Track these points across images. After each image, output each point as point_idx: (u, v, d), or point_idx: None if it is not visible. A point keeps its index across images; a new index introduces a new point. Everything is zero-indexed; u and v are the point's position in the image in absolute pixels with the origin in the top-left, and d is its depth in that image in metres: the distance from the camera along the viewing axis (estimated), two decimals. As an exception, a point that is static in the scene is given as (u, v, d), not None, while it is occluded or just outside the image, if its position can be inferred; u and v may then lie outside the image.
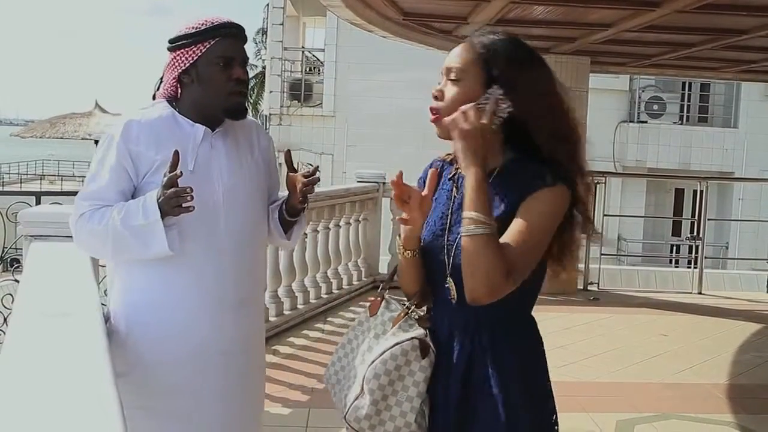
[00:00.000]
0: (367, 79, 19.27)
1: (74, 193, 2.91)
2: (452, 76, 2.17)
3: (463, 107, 2.07)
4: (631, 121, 20.24)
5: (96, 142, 23.72)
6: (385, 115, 18.98)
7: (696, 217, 10.67)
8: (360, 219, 8.88)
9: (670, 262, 18.21)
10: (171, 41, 2.72)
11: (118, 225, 2.58)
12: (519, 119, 2.09)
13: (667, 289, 10.16)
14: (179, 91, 2.74)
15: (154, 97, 2.84)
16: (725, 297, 9.85)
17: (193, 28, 2.68)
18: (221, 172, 2.74)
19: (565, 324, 7.99)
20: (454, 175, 2.27)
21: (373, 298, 2.36)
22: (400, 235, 2.25)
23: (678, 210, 20.36)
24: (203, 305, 2.71)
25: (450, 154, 2.32)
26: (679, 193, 20.44)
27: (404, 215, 2.19)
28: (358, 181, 9.10)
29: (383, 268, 9.28)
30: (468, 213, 2.02)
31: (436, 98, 2.18)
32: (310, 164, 13.70)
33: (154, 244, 2.59)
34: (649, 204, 20.39)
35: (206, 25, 2.67)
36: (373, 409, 2.11)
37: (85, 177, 2.81)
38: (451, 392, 2.18)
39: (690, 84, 20.63)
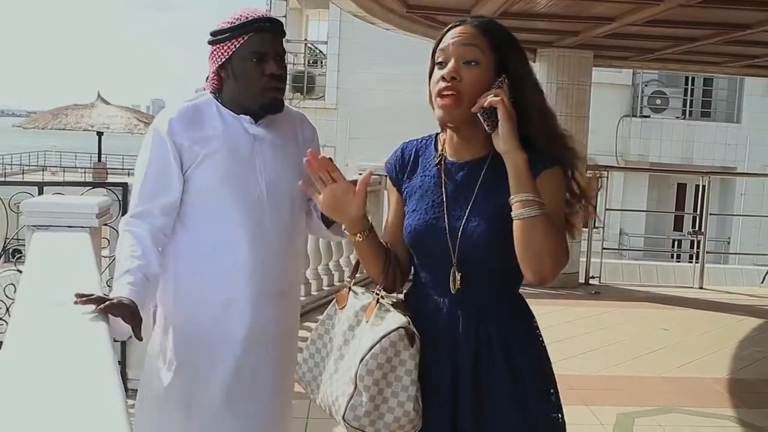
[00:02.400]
0: (370, 72, 19.26)
1: (76, 184, 2.91)
2: (470, 57, 2.10)
3: (492, 92, 2.04)
4: (633, 116, 20.21)
5: (99, 133, 23.70)
6: (388, 108, 18.96)
7: (698, 212, 10.67)
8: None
9: (672, 256, 18.20)
10: (211, 35, 2.72)
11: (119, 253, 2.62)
12: (518, 109, 2.07)
13: (669, 284, 10.17)
14: (220, 83, 2.75)
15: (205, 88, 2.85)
16: (726, 292, 9.86)
17: (228, 23, 2.67)
18: (265, 163, 2.74)
19: (565, 318, 8.00)
20: (440, 161, 2.24)
21: (338, 291, 2.35)
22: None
23: (680, 205, 20.35)
24: (246, 296, 2.71)
25: (426, 138, 2.34)
26: (682, 188, 20.42)
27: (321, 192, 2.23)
28: (360, 174, 9.06)
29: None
30: (521, 196, 2.01)
31: (453, 78, 2.09)
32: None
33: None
34: (651, 198, 20.39)
35: (241, 19, 2.66)
36: (371, 405, 2.08)
37: (133, 171, 2.91)
38: (462, 380, 2.17)
39: (693, 79, 20.60)
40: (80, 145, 40.66)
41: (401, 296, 2.29)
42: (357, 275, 2.43)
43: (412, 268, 2.34)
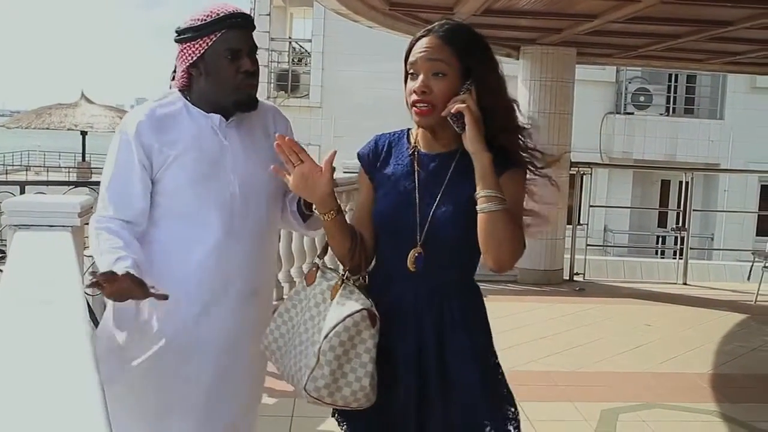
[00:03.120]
0: (354, 69, 19.25)
1: (58, 183, 2.89)
2: (437, 70, 2.31)
3: (460, 98, 2.26)
4: (617, 113, 20.28)
5: (83, 133, 23.60)
6: (372, 106, 18.94)
7: (681, 208, 10.71)
8: (347, 210, 8.87)
9: (656, 253, 18.27)
10: (178, 33, 2.66)
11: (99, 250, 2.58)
12: (484, 108, 2.29)
13: (653, 280, 10.20)
14: (190, 81, 2.70)
15: (171, 86, 2.79)
16: (710, 288, 9.91)
17: (198, 20, 2.62)
18: (236, 163, 2.70)
19: (550, 314, 8.03)
20: (414, 152, 2.45)
21: (308, 269, 2.52)
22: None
23: (664, 201, 20.43)
24: (219, 297, 2.69)
25: (398, 132, 2.59)
26: (665, 184, 20.50)
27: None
28: (345, 172, 9.08)
29: (370, 259, 9.27)
30: (486, 191, 2.22)
31: (423, 92, 2.31)
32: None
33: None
34: (636, 195, 20.46)
35: (212, 16, 2.60)
36: (331, 378, 2.24)
37: (101, 171, 2.76)
38: (427, 355, 2.36)
39: (676, 76, 20.69)
40: (64, 144, 40.45)
41: (365, 278, 2.39)
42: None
43: (376, 251, 2.49)
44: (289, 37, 23.26)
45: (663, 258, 15.59)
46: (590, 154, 17.76)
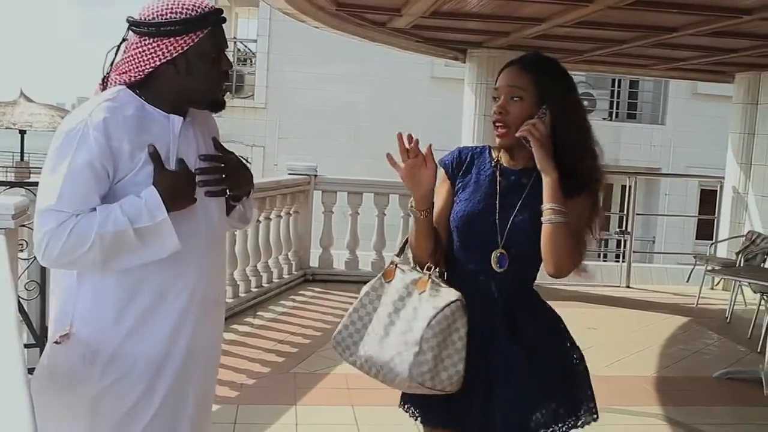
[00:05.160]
0: (300, 71, 19.14)
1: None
2: (514, 95, 2.60)
3: (530, 122, 2.55)
4: (562, 117, 20.45)
5: (21, 132, 23.11)
6: (318, 108, 18.87)
7: (624, 212, 10.79)
8: (291, 212, 8.80)
9: (599, 255, 18.45)
10: (152, 26, 2.43)
11: (126, 230, 2.34)
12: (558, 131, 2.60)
13: (596, 283, 10.24)
14: (149, 78, 2.47)
15: (104, 81, 2.54)
16: (652, 290, 10.00)
17: (179, 13, 2.42)
18: (193, 166, 2.54)
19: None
20: (497, 165, 2.73)
21: (387, 266, 2.72)
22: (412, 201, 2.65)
23: (606, 204, 20.60)
24: (188, 308, 2.54)
25: (479, 146, 2.83)
26: (608, 188, 20.70)
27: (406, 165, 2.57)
28: (290, 174, 9.02)
29: (314, 262, 9.23)
30: (550, 205, 2.52)
31: (500, 113, 2.61)
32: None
33: (164, 245, 2.40)
34: (579, 198, 20.64)
35: (196, 11, 2.43)
36: (433, 363, 2.48)
37: (40, 176, 2.43)
38: (496, 343, 2.62)
39: (619, 81, 20.92)
40: (1, 143, 39.74)
41: (443, 274, 2.71)
42: (294, 276, 2.50)
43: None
44: (234, 37, 23.06)
45: (606, 261, 15.72)
46: (534, 157, 17.87)
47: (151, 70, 2.45)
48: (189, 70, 2.47)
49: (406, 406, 2.79)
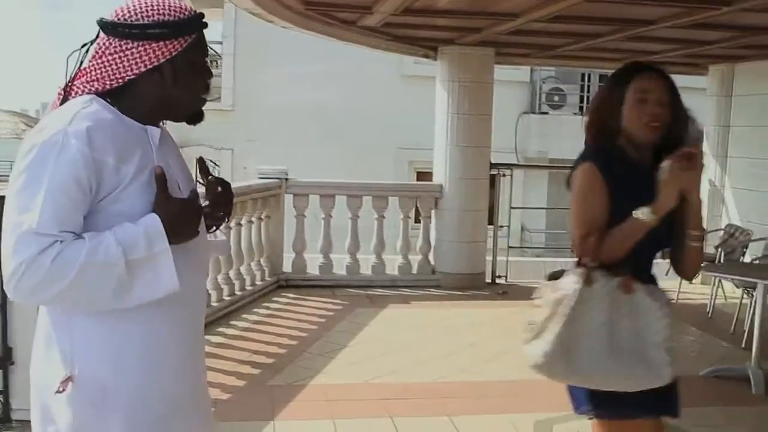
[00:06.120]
0: (268, 72, 18.88)
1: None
2: (663, 100, 2.93)
3: (688, 150, 2.78)
4: (532, 113, 20.36)
5: (-17, 139, 22.74)
6: (287, 109, 18.62)
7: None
8: (262, 217, 8.62)
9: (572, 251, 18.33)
10: (137, 27, 2.17)
11: (118, 262, 2.05)
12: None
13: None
14: (124, 86, 2.21)
15: (66, 89, 2.25)
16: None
17: (167, 15, 2.18)
18: (179, 182, 2.31)
19: (478, 320, 7.86)
20: (638, 162, 2.97)
21: (581, 271, 2.80)
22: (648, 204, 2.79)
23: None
24: (190, 340, 2.33)
25: (591, 145, 3.13)
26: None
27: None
28: (260, 178, 8.84)
29: (287, 266, 9.07)
30: (698, 231, 2.90)
31: (657, 116, 2.91)
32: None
33: (159, 283, 2.12)
34: (551, 194, 20.55)
35: (183, 13, 2.21)
36: (672, 358, 2.77)
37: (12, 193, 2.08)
38: None
39: (589, 75, 20.87)
40: (-36, 152, 39.15)
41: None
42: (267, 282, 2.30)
43: None
44: (199, 39, 22.78)
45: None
46: (506, 154, 17.75)
47: (132, 77, 2.19)
48: (175, 78, 2.22)
49: (597, 411, 2.97)
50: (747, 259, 8.62)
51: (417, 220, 9.76)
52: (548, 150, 19.94)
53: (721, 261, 8.50)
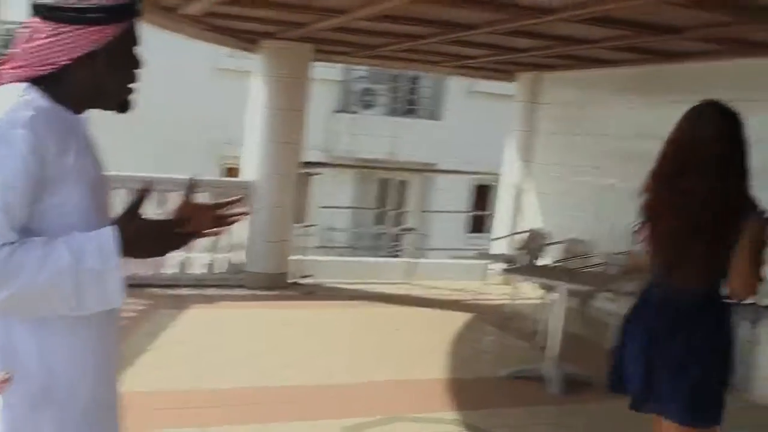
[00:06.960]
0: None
1: None
2: None
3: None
4: (344, 111, 20.43)
5: None
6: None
7: (404, 208, 10.79)
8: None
9: (376, 250, 18.57)
10: (74, 10, 2.01)
11: (68, 267, 1.91)
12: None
13: (378, 280, 10.12)
14: (59, 73, 2.05)
15: None
16: (433, 287, 9.96)
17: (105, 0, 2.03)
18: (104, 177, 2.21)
19: (283, 320, 7.74)
20: None
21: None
22: None
23: (382, 199, 20.80)
24: (107, 347, 2.20)
25: None
26: (383, 183, 20.89)
27: None
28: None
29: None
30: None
31: None
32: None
33: (104, 297, 1.99)
34: (357, 193, 20.70)
35: None
36: None
37: None
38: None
39: (399, 76, 21.16)
40: None
41: None
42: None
43: None
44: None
45: (384, 257, 15.83)
46: (314, 151, 17.71)
47: (67, 63, 2.03)
48: (110, 64, 2.08)
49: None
50: (549, 261, 8.93)
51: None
52: (355, 149, 20.05)
53: (529, 264, 8.74)
